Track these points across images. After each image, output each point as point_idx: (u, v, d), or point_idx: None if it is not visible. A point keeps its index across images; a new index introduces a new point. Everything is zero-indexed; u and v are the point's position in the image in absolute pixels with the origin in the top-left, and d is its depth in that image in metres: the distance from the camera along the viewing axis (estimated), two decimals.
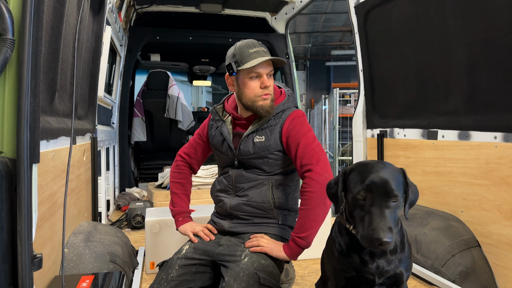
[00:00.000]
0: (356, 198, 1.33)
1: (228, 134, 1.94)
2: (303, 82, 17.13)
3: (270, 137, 1.86)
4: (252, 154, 1.87)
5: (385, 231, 1.23)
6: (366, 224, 1.28)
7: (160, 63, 6.34)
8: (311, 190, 1.72)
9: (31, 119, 1.14)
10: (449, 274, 2.26)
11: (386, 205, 1.30)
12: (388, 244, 1.23)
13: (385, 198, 1.31)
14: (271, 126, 1.87)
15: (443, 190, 2.70)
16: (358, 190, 1.33)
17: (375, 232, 1.24)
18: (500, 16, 2.17)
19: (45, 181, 1.71)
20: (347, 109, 9.98)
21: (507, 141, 2.19)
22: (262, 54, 1.81)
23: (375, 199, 1.30)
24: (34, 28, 1.15)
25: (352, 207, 1.37)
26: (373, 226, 1.25)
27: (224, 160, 2.00)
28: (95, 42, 2.87)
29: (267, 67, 1.83)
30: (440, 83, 2.69)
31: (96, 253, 2.06)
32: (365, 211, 1.31)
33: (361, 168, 1.39)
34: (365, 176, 1.34)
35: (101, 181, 3.49)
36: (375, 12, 3.27)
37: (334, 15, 11.46)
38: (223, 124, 1.98)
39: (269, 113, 1.87)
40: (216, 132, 2.01)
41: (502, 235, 2.24)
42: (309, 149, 1.78)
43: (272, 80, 1.89)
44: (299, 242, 1.74)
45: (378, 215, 1.27)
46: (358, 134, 3.69)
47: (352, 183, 1.37)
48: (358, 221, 1.33)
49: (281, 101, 1.92)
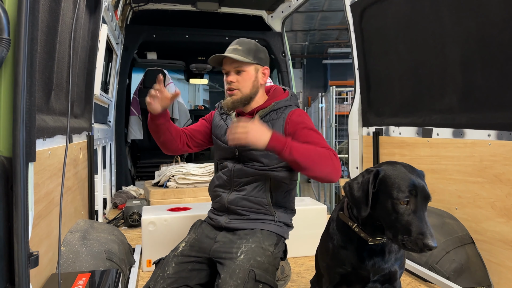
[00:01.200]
0: (396, 203, 1.31)
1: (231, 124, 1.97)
2: (300, 80, 17.13)
3: (272, 130, 1.87)
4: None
5: (432, 236, 1.25)
6: (413, 230, 1.27)
7: (156, 61, 6.33)
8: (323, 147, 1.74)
9: (27, 117, 1.15)
10: (444, 271, 2.28)
11: (425, 208, 1.32)
12: (435, 249, 1.26)
13: (425, 203, 1.32)
14: (273, 119, 1.91)
15: (438, 187, 2.72)
16: (400, 195, 1.31)
17: (425, 237, 1.25)
18: (494, 13, 2.18)
19: (42, 179, 1.72)
20: (344, 107, 9.99)
21: (500, 139, 2.21)
22: (230, 51, 1.90)
23: (418, 204, 1.31)
24: (29, 27, 1.16)
25: (386, 212, 1.34)
26: (421, 232, 1.26)
27: (224, 151, 2.01)
28: (91, 40, 2.87)
29: (231, 64, 1.90)
30: (435, 81, 2.71)
31: (93, 251, 2.07)
32: (406, 216, 1.29)
33: (394, 171, 1.37)
34: (403, 180, 1.33)
35: (98, 180, 3.49)
36: (370, 10, 3.28)
37: (331, 13, 11.46)
38: (228, 117, 2.04)
39: (230, 109, 1.95)
40: (220, 122, 2.06)
41: (496, 232, 2.26)
42: (315, 138, 1.81)
43: (245, 77, 1.91)
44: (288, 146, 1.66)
45: (422, 220, 1.28)
46: (354, 132, 3.71)
47: (389, 188, 1.34)
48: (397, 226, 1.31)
49: (284, 98, 1.98)
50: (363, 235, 1.46)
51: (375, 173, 1.40)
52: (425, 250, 1.26)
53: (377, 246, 1.47)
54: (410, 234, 1.27)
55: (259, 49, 1.97)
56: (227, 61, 1.92)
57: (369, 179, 1.38)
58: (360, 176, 1.44)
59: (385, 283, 1.52)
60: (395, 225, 1.32)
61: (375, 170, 1.41)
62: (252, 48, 1.93)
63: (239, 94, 1.92)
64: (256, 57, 1.93)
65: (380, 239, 1.45)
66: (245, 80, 1.92)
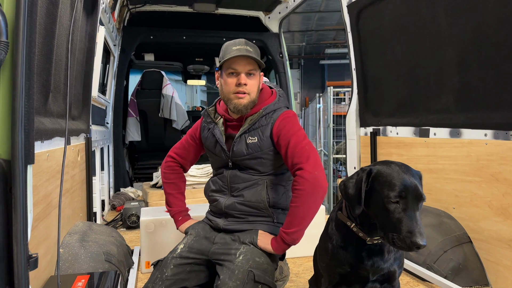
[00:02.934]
0: (387, 201, 1.32)
1: (220, 136, 1.94)
2: (297, 81, 17.15)
3: (263, 137, 1.86)
4: (246, 155, 1.88)
5: (421, 235, 1.25)
6: (402, 228, 1.27)
7: (154, 63, 6.33)
8: (300, 188, 1.73)
9: (26, 120, 1.15)
10: (441, 270, 2.29)
11: (417, 208, 1.32)
12: (423, 247, 1.25)
13: (416, 202, 1.32)
14: (262, 126, 1.87)
15: (435, 187, 2.73)
16: (391, 193, 1.32)
17: (413, 236, 1.25)
18: (490, 14, 2.19)
19: (40, 181, 1.72)
20: (342, 108, 9.99)
21: (497, 138, 2.22)
22: (242, 51, 1.79)
23: (408, 203, 1.31)
24: (27, 30, 1.16)
25: (378, 210, 1.36)
26: (410, 230, 1.26)
27: (218, 161, 2.01)
28: (88, 42, 2.87)
29: (245, 65, 1.82)
30: (431, 81, 2.72)
31: (92, 253, 2.07)
32: (397, 214, 1.30)
33: (387, 170, 1.38)
34: (395, 179, 1.34)
35: (96, 181, 3.49)
36: (367, 11, 3.29)
37: (328, 13, 11.48)
38: (215, 126, 1.97)
39: (241, 113, 1.87)
40: (209, 134, 2.01)
41: (493, 231, 2.27)
42: (299, 148, 1.78)
43: (254, 81, 1.86)
44: (285, 237, 1.76)
45: (413, 219, 1.28)
46: (352, 133, 3.72)
47: (381, 186, 1.35)
48: (388, 224, 1.32)
49: (272, 101, 1.92)
50: (362, 234, 1.47)
51: (368, 171, 1.42)
52: (414, 249, 1.26)
53: (376, 245, 1.48)
54: (399, 232, 1.28)
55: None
56: (240, 62, 1.81)
57: (363, 178, 1.40)
58: (355, 174, 1.46)
59: (384, 283, 1.52)
60: (386, 223, 1.33)
61: (369, 169, 1.42)
62: (258, 52, 1.89)
63: (248, 98, 1.85)
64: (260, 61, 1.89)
65: (377, 238, 1.46)
66: (255, 85, 1.87)
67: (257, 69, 1.86)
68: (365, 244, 1.47)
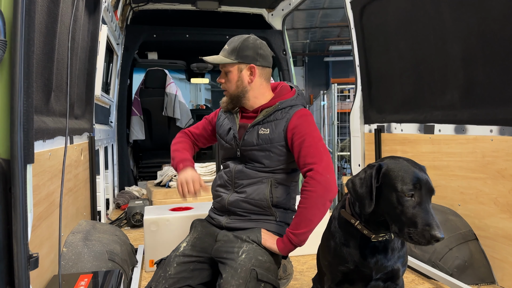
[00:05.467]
0: (401, 195, 1.31)
1: (234, 124, 1.98)
2: (301, 78, 17.11)
3: (275, 130, 1.87)
4: (255, 146, 1.89)
5: (439, 227, 1.25)
6: (419, 222, 1.26)
7: (157, 61, 6.33)
8: (311, 189, 1.72)
9: (25, 119, 1.15)
10: (447, 268, 2.27)
11: (429, 201, 1.31)
12: (442, 240, 1.25)
13: (429, 195, 1.32)
14: (277, 119, 1.89)
15: (440, 184, 2.70)
16: (405, 187, 1.31)
17: (432, 229, 1.24)
18: (495, 9, 2.16)
19: (42, 181, 1.72)
20: (346, 105, 9.95)
21: (502, 134, 2.20)
22: (211, 58, 1.95)
23: (422, 196, 1.30)
24: (26, 28, 1.15)
25: (390, 206, 1.34)
26: (427, 223, 1.25)
27: (227, 150, 2.02)
28: (91, 41, 2.87)
29: (219, 64, 1.96)
30: (436, 77, 2.69)
31: (95, 252, 2.07)
32: (411, 209, 1.29)
33: (396, 165, 1.37)
34: (407, 173, 1.33)
35: (100, 180, 3.50)
36: (370, 7, 3.27)
37: (332, 10, 11.43)
38: (232, 115, 2.03)
39: (227, 108, 2.01)
40: (224, 121, 2.05)
41: (499, 228, 2.24)
42: (313, 148, 1.78)
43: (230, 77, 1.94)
44: (292, 238, 1.75)
45: (428, 212, 1.28)
46: (356, 130, 3.69)
47: (393, 181, 1.34)
48: (402, 219, 1.30)
49: (290, 97, 1.95)
50: (366, 232, 1.45)
51: (377, 167, 1.39)
52: (433, 242, 1.25)
53: (379, 243, 1.46)
54: (416, 227, 1.27)
55: (246, 47, 1.91)
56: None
57: (372, 174, 1.38)
58: (362, 171, 1.43)
59: (387, 281, 1.51)
60: (400, 219, 1.31)
61: (378, 165, 1.40)
62: (236, 47, 1.91)
63: (228, 94, 1.98)
64: (240, 55, 1.89)
65: (383, 235, 1.44)
66: (230, 81, 1.95)
67: (230, 65, 1.92)
68: (369, 241, 1.46)
